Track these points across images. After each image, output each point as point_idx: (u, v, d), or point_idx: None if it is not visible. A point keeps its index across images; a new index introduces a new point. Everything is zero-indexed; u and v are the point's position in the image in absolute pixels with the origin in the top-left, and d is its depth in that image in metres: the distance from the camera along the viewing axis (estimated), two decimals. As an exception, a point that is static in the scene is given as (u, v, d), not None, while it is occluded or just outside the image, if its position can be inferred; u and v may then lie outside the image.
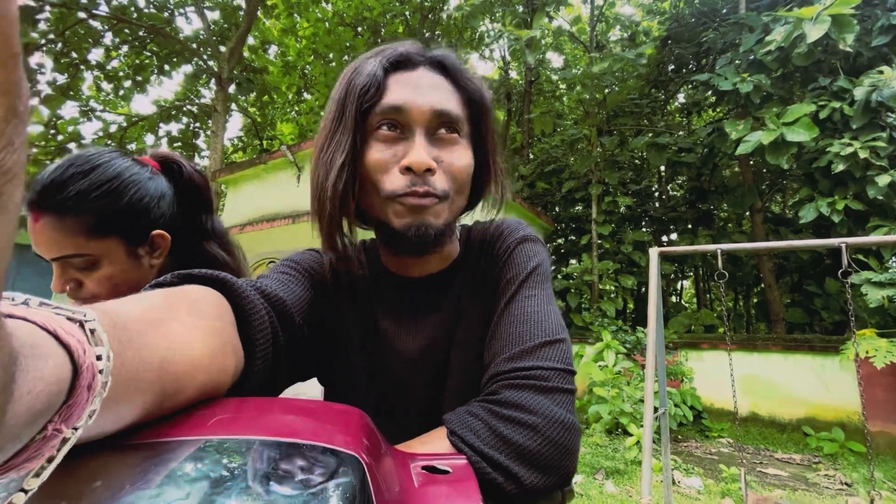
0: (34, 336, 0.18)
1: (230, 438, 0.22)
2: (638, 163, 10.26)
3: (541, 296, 0.53)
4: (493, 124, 0.60)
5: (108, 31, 9.25)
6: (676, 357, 5.90)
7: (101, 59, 9.96)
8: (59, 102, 8.96)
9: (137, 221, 0.71)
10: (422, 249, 0.55)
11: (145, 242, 0.72)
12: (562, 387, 0.45)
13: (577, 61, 11.38)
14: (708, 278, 10.64)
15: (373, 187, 0.52)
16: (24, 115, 0.12)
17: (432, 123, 0.52)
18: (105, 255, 0.68)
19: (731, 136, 6.23)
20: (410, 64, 0.54)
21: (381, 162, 0.51)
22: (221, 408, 0.27)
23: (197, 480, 0.19)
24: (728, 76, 6.41)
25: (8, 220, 0.12)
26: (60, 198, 0.66)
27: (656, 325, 2.45)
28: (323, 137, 0.53)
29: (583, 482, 3.63)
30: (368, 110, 0.51)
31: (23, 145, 0.12)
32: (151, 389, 0.24)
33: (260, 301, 0.42)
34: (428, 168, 0.50)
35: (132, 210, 0.70)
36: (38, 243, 0.67)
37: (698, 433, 5.35)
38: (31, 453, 0.17)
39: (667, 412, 2.63)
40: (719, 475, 3.87)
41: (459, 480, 0.34)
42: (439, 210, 0.52)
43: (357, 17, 11.91)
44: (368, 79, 0.51)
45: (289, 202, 5.89)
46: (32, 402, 0.16)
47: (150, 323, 0.27)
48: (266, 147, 13.72)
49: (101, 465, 0.20)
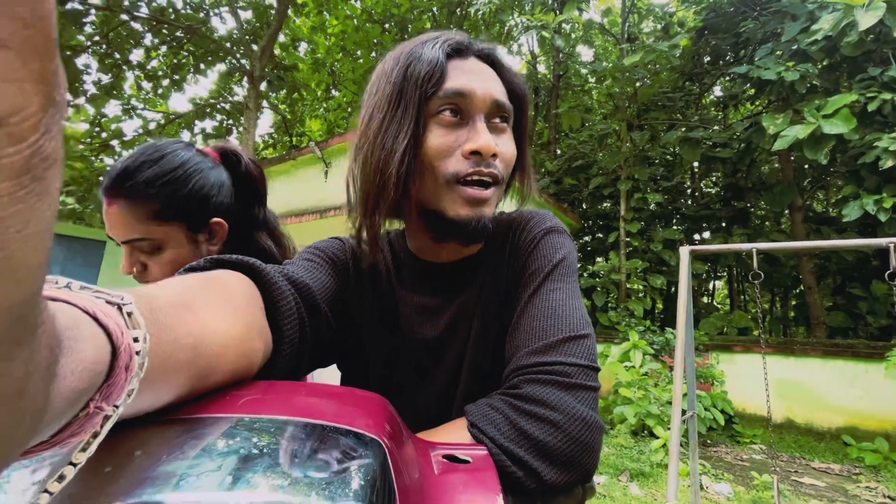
0: (76, 318, 0.19)
1: (260, 417, 0.23)
2: (670, 158, 9.95)
3: (566, 289, 0.53)
4: (527, 118, 0.61)
5: (148, 32, 9.62)
6: (707, 360, 5.72)
7: (142, 59, 10.37)
8: (104, 101, 9.39)
9: (199, 208, 0.75)
10: (475, 239, 0.55)
11: (205, 229, 0.77)
12: (585, 384, 0.44)
13: (608, 54, 11.11)
14: (742, 279, 10.24)
15: (431, 172, 0.52)
16: (62, 105, 0.13)
17: (491, 111, 0.53)
18: (168, 239, 0.73)
19: (768, 130, 5.95)
20: (465, 52, 0.55)
21: (442, 146, 0.52)
22: (252, 389, 0.29)
23: (228, 455, 0.20)
24: (770, 66, 6.12)
25: (49, 203, 0.13)
26: (131, 184, 0.71)
27: (686, 326, 2.39)
28: (379, 122, 0.53)
29: (606, 483, 3.58)
30: (429, 95, 0.52)
31: (60, 133, 0.13)
32: (186, 370, 0.25)
33: (287, 287, 0.43)
34: (493, 153, 0.51)
35: (194, 197, 0.74)
36: (111, 226, 0.72)
37: (729, 438, 5.18)
38: (74, 429, 0.18)
39: (695, 415, 2.56)
40: (750, 482, 3.74)
41: (479, 470, 0.35)
42: (494, 198, 0.53)
43: (385, 13, 11.98)
44: (431, 65, 0.51)
45: (317, 197, 5.99)
46: (75, 381, 0.17)
47: (184, 306, 0.28)
48: (295, 143, 14.01)
49: (142, 438, 0.21)
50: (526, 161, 0.61)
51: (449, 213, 0.52)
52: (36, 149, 0.12)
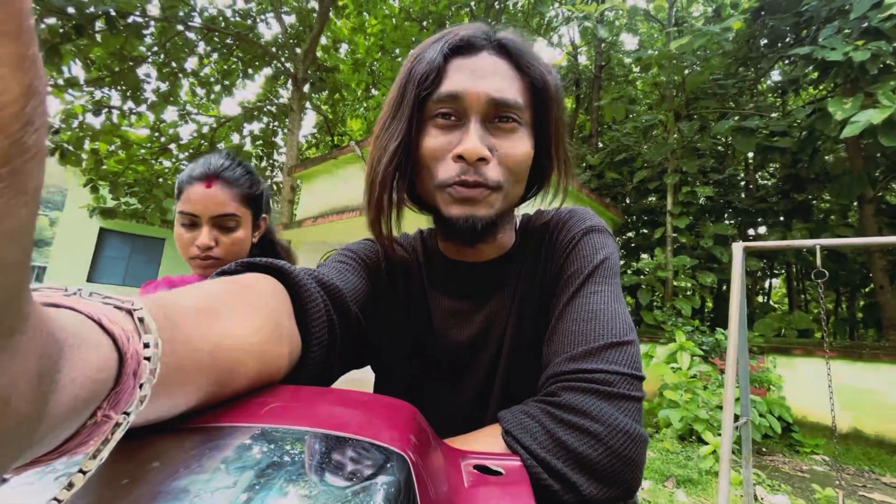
0: (80, 325, 0.18)
1: (280, 428, 0.23)
2: (721, 149, 9.41)
3: (608, 292, 0.50)
4: (559, 110, 0.56)
5: (201, 40, 10.15)
6: (762, 363, 5.37)
7: (196, 67, 10.96)
8: (162, 108, 10.00)
9: (262, 203, 1.02)
10: (470, 240, 0.54)
11: (257, 221, 1.02)
12: (628, 393, 0.42)
13: (653, 42, 10.62)
14: (803, 277, 9.55)
15: (427, 174, 0.52)
16: (43, 97, 0.12)
17: (488, 111, 0.51)
18: (243, 221, 0.96)
19: (835, 116, 5.47)
20: (472, 49, 0.53)
21: (435, 149, 0.51)
22: (274, 396, 0.29)
23: (245, 470, 0.19)
24: (836, 46, 5.62)
25: (26, 201, 0.12)
26: (230, 172, 0.95)
27: (739, 327, 2.25)
28: (381, 122, 0.54)
29: (651, 489, 3.45)
30: (426, 97, 0.51)
31: (44, 126, 0.12)
32: (204, 377, 0.25)
33: (317, 290, 0.43)
34: (481, 157, 0.49)
35: (262, 194, 1.02)
36: (207, 202, 0.91)
37: (787, 447, 4.85)
38: (82, 438, 0.18)
39: (749, 422, 2.41)
40: (811, 495, 3.49)
41: (512, 483, 0.33)
42: (492, 201, 0.51)
43: (423, 11, 12.02)
44: (428, 66, 0.51)
45: (357, 195, 6.13)
46: (77, 389, 0.17)
47: (204, 313, 0.28)
48: (337, 143, 14.38)
49: (159, 448, 0.21)
50: (557, 155, 0.57)
51: (443, 212, 0.51)
52: (15, 140, 0.11)
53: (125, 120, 9.54)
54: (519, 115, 0.52)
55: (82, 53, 7.90)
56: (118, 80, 8.76)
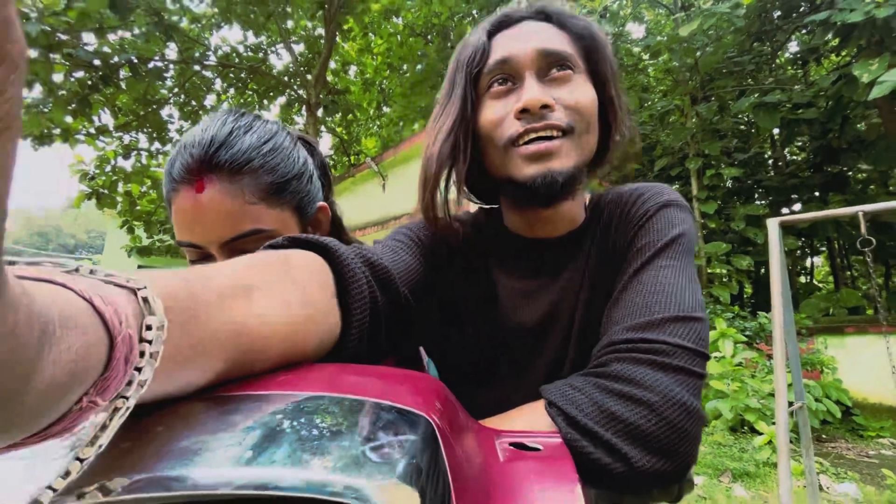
0: (69, 305, 0.16)
1: (294, 393, 0.22)
2: (744, 128, 9.09)
3: (680, 268, 0.46)
4: (609, 56, 0.56)
5: (217, 77, 10.58)
6: (812, 344, 5.10)
7: (214, 103, 11.42)
8: (185, 145, 10.45)
9: (307, 186, 0.60)
10: (549, 200, 0.52)
11: (312, 216, 0.63)
12: (688, 367, 0.38)
13: (661, 28, 10.43)
14: (847, 252, 9.06)
15: (490, 143, 0.52)
16: (19, 63, 0.11)
17: (541, 65, 0.51)
18: (283, 230, 0.56)
19: (861, 79, 5.21)
20: (512, 21, 0.55)
21: (496, 116, 0.51)
22: (296, 369, 0.28)
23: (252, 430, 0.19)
24: (856, 7, 5.37)
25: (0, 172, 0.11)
26: (232, 152, 0.53)
27: (784, 307, 2.13)
28: (434, 114, 0.56)
29: (706, 484, 3.29)
30: (478, 75, 0.53)
31: (18, 97, 0.11)
32: (222, 357, 0.24)
33: (361, 270, 0.40)
34: (544, 105, 0.49)
35: (303, 171, 0.59)
36: (205, 220, 0.53)
37: (849, 432, 4.56)
38: (66, 424, 0.17)
39: (805, 407, 2.27)
40: (882, 481, 3.25)
41: (553, 458, 0.31)
42: (566, 149, 0.49)
43: (426, 25, 12.21)
44: (474, 47, 0.53)
45: (377, 210, 6.21)
46: (57, 373, 0.15)
47: (234, 290, 0.27)
48: (353, 163, 14.66)
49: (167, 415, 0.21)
50: (616, 100, 0.57)
51: (517, 177, 0.50)
52: None
53: (153, 160, 10.00)
54: (573, 64, 0.52)
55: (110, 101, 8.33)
56: (144, 123, 9.20)
